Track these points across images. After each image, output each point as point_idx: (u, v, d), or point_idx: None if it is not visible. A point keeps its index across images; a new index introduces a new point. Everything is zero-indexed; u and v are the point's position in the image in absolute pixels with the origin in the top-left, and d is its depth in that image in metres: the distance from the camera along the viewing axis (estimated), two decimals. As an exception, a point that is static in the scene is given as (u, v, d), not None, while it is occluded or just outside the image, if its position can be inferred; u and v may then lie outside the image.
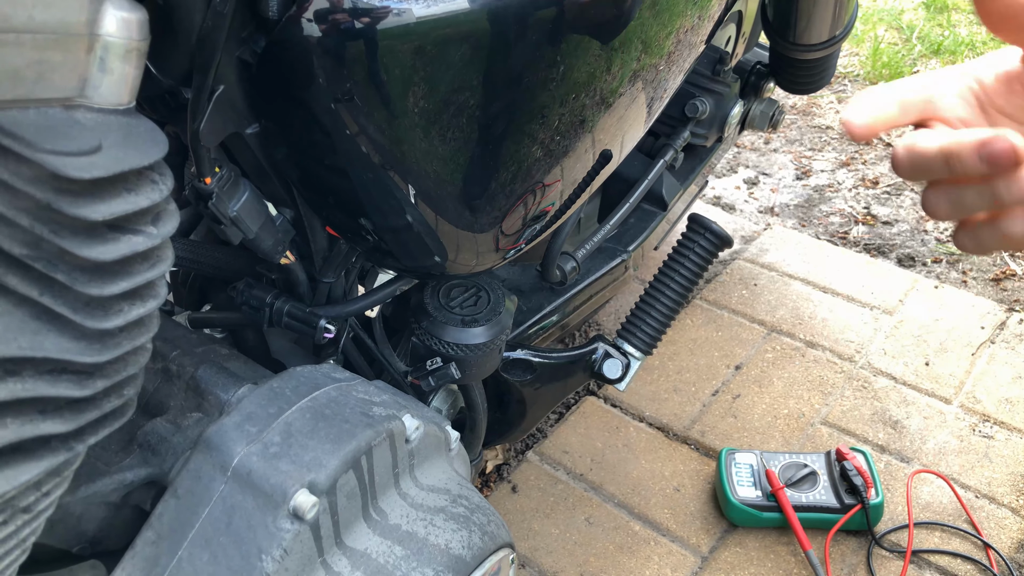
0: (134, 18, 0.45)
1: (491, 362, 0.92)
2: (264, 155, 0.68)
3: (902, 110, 0.52)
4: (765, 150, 2.29)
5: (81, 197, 0.41)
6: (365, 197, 0.68)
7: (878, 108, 0.52)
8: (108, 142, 0.43)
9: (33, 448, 0.44)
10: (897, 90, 0.53)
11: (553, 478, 1.39)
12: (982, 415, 1.48)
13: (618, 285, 1.29)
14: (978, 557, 1.24)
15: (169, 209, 0.47)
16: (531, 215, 0.79)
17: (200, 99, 0.57)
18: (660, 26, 0.72)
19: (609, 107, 0.74)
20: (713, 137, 1.29)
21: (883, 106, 0.52)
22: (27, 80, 0.40)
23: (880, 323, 1.69)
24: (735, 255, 1.88)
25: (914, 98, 0.53)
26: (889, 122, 0.52)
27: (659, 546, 1.28)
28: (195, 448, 0.61)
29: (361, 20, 0.55)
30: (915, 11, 3.01)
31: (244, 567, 0.57)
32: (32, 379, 0.42)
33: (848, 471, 1.27)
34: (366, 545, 0.63)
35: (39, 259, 0.42)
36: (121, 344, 0.46)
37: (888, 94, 0.53)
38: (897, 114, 0.52)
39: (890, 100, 0.52)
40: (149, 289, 0.47)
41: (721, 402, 1.52)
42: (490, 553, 0.70)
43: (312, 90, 0.59)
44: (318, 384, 0.67)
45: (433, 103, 0.61)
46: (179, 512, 0.59)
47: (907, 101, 0.53)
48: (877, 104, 0.52)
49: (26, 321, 0.43)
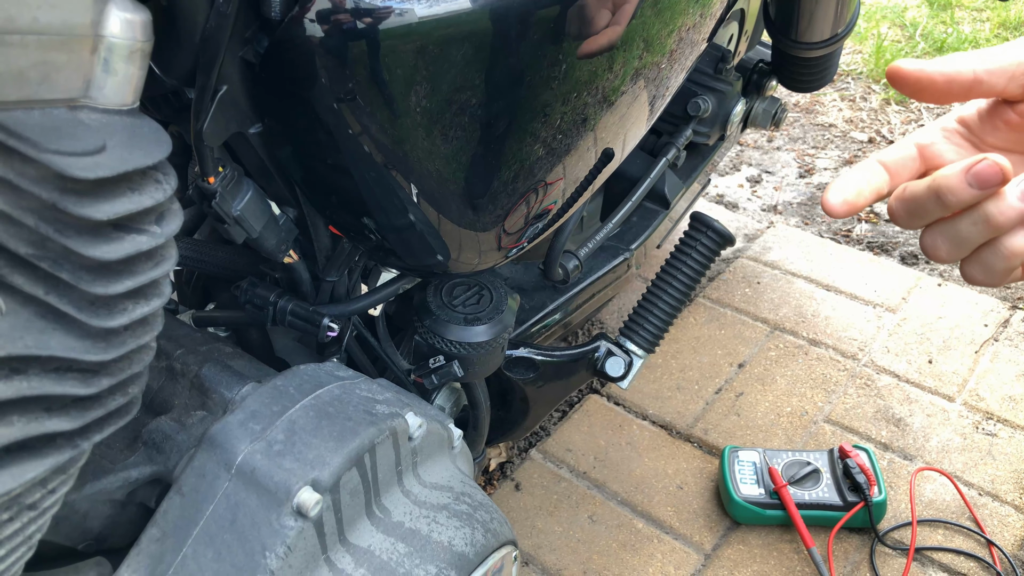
0: (138, 19, 0.45)
1: (494, 360, 0.92)
2: (267, 154, 0.68)
3: (890, 174, 0.53)
4: (768, 148, 2.29)
5: (86, 197, 0.42)
6: (368, 196, 0.69)
7: (858, 185, 0.52)
8: (112, 142, 0.43)
9: (39, 446, 0.44)
10: (877, 158, 0.53)
11: (556, 476, 1.39)
12: (985, 413, 1.48)
13: (620, 283, 1.29)
14: (981, 554, 1.24)
15: (173, 208, 0.48)
16: (533, 213, 0.79)
17: (203, 99, 0.57)
18: (662, 24, 0.72)
19: (611, 106, 0.74)
20: (716, 135, 1.29)
21: (864, 178, 0.52)
22: (32, 81, 0.41)
23: (883, 321, 1.69)
24: (738, 253, 1.89)
25: (898, 157, 0.53)
26: (872, 190, 0.52)
27: (662, 544, 1.28)
28: (199, 446, 0.61)
29: (363, 20, 0.56)
30: (918, 8, 3.00)
31: (248, 564, 0.57)
32: (38, 377, 0.43)
33: (851, 469, 1.27)
34: (369, 542, 0.64)
35: (44, 258, 0.43)
36: (126, 342, 0.46)
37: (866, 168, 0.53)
38: (881, 180, 0.53)
39: (870, 173, 0.53)
40: (153, 288, 0.47)
41: (724, 400, 1.53)
42: (493, 550, 0.71)
43: (315, 90, 0.59)
44: (321, 382, 0.68)
45: (435, 102, 0.62)
46: (184, 509, 0.59)
47: (891, 163, 0.53)
48: (857, 182, 0.52)
49: (32, 320, 0.43)
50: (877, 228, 1.96)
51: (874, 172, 0.53)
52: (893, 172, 0.53)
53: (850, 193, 0.52)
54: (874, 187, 0.52)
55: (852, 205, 0.52)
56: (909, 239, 1.91)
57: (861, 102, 2.50)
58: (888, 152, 0.54)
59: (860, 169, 0.53)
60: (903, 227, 0.51)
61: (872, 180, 0.53)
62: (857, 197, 0.52)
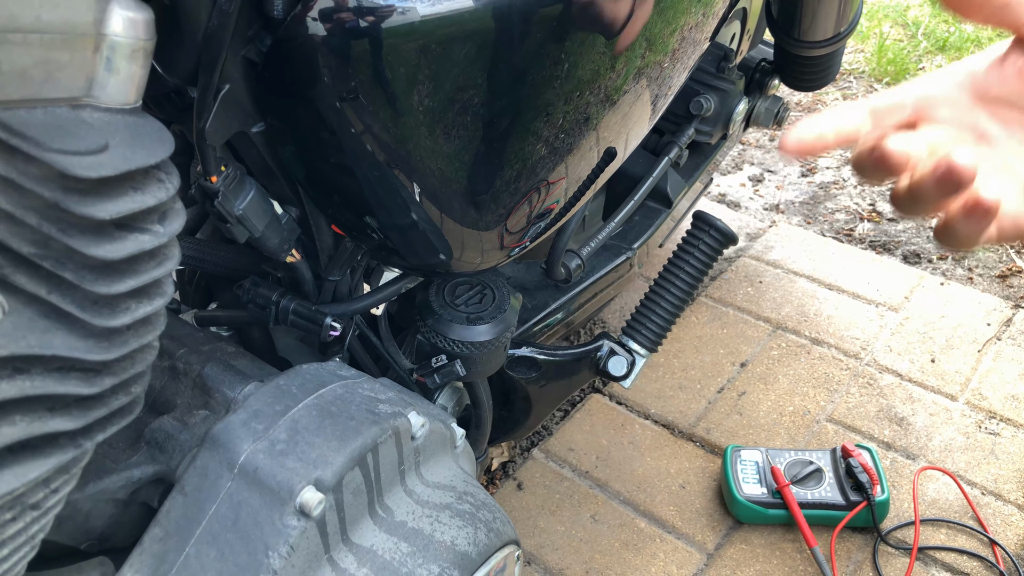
0: (140, 18, 0.45)
1: (496, 359, 0.92)
2: (270, 153, 0.68)
3: (874, 120, 0.51)
4: (770, 147, 2.29)
5: (88, 196, 0.42)
6: (371, 195, 0.69)
7: (821, 128, 0.50)
8: (115, 141, 0.43)
9: (42, 445, 0.44)
10: (866, 103, 0.52)
11: (558, 475, 1.39)
12: (988, 412, 1.48)
13: (623, 283, 1.29)
14: (984, 554, 1.24)
15: (175, 208, 0.48)
16: (536, 213, 0.79)
17: (206, 98, 0.57)
18: (665, 23, 0.72)
19: (614, 105, 0.74)
20: (718, 134, 1.29)
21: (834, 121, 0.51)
22: (35, 80, 0.41)
23: (886, 320, 1.68)
24: (740, 252, 1.88)
25: (889, 104, 0.52)
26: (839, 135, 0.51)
27: (665, 543, 1.28)
28: (202, 445, 0.61)
29: (366, 19, 0.55)
30: (920, 7, 3.00)
31: (251, 563, 0.57)
32: (41, 377, 0.43)
33: (854, 468, 1.27)
34: (372, 542, 0.64)
35: (47, 258, 0.43)
36: (128, 342, 0.46)
37: (848, 110, 0.51)
38: (856, 126, 0.51)
39: (847, 117, 0.51)
40: (156, 287, 0.47)
41: (726, 399, 1.52)
42: (496, 550, 0.71)
43: (317, 88, 0.59)
44: (324, 382, 0.68)
45: (438, 101, 0.61)
46: (186, 509, 0.59)
47: (880, 108, 0.51)
48: (822, 124, 0.50)
49: (35, 319, 0.43)
50: (879, 227, 1.96)
51: (852, 115, 0.51)
52: (878, 118, 0.51)
53: (810, 134, 0.50)
54: (845, 132, 0.51)
55: (807, 146, 0.50)
56: (911, 238, 1.91)
57: (863, 101, 2.49)
58: (881, 97, 0.52)
59: (838, 110, 0.51)
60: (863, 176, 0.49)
61: (845, 124, 0.51)
62: (816, 140, 0.50)
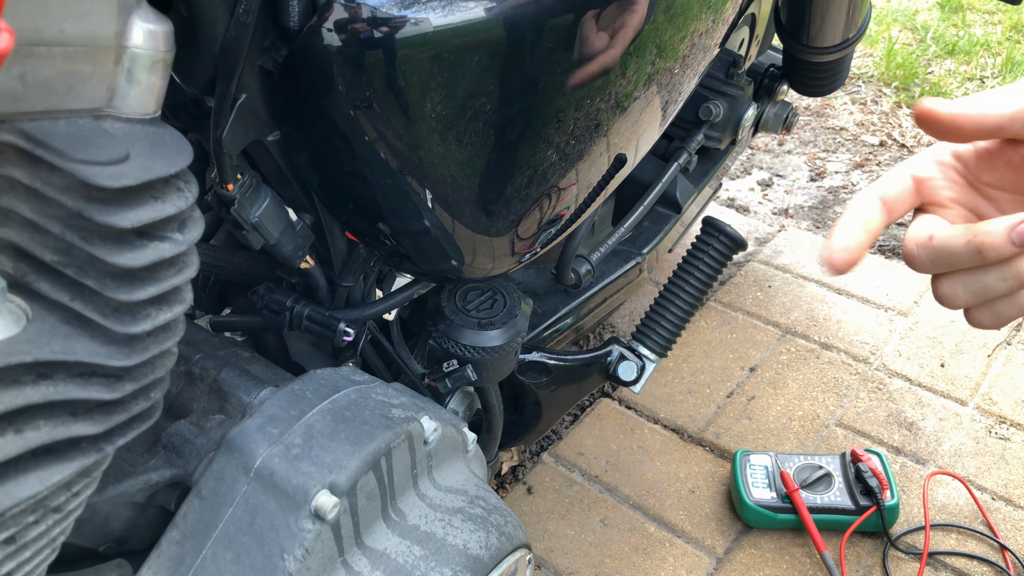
0: (160, 30, 0.46)
1: (507, 364, 0.93)
2: (285, 162, 0.69)
3: (887, 212, 0.51)
4: (779, 152, 2.29)
5: (110, 205, 0.43)
6: (384, 202, 0.69)
7: (856, 235, 0.50)
8: (136, 151, 0.44)
9: (64, 449, 0.45)
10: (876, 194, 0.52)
11: (568, 479, 1.40)
12: (998, 417, 1.48)
13: (632, 288, 1.29)
14: (994, 559, 1.24)
15: (194, 216, 0.48)
16: (546, 219, 0.80)
17: (223, 107, 0.58)
18: (675, 30, 0.73)
19: (624, 111, 0.74)
20: (727, 140, 1.30)
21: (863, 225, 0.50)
22: (58, 91, 0.42)
23: (895, 324, 1.68)
24: (749, 257, 1.89)
25: (897, 192, 0.52)
26: (871, 237, 0.51)
27: (674, 547, 1.29)
28: (218, 449, 0.62)
29: (380, 29, 0.56)
30: (929, 11, 3.00)
31: (267, 566, 0.58)
32: (64, 382, 0.43)
33: (863, 473, 1.27)
34: (385, 545, 0.64)
35: (70, 265, 0.44)
36: (149, 348, 0.47)
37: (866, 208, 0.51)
38: (879, 222, 0.51)
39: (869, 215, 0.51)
40: (176, 294, 0.48)
41: (736, 404, 1.53)
42: (507, 554, 0.71)
43: (332, 98, 0.60)
44: (338, 386, 0.68)
45: (450, 109, 0.62)
46: (203, 512, 0.60)
47: (890, 198, 0.52)
48: (854, 231, 0.50)
49: (57, 326, 0.44)
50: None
51: (870, 212, 0.51)
52: (890, 208, 0.52)
53: (851, 246, 0.50)
54: (872, 231, 0.51)
55: (853, 261, 0.50)
56: (921, 242, 1.91)
57: (872, 105, 2.50)
58: (885, 186, 0.52)
59: (856, 211, 0.51)
60: (920, 271, 0.49)
61: (870, 223, 0.51)
62: (857, 251, 0.50)
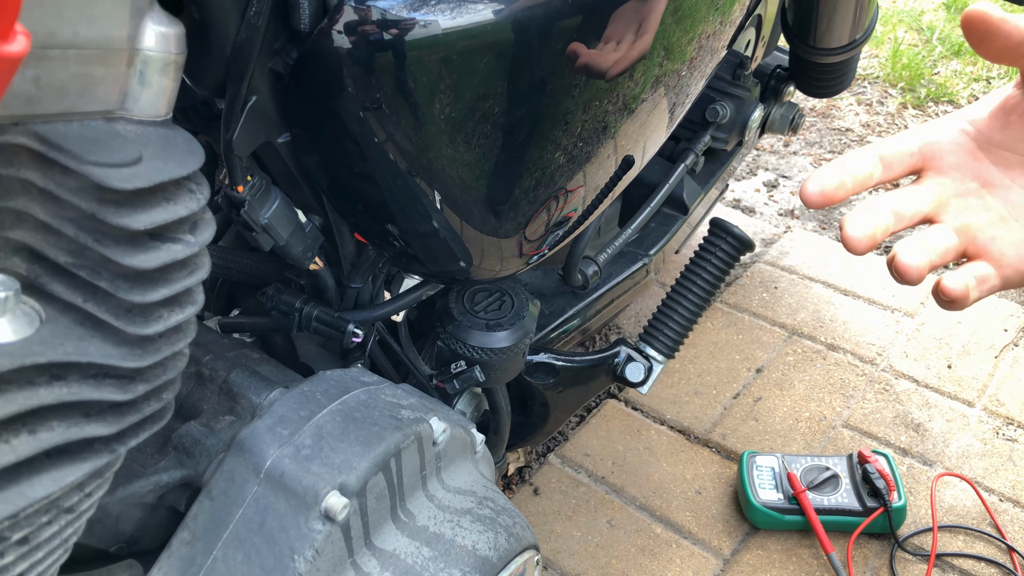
0: (172, 32, 0.46)
1: (515, 365, 0.93)
2: (295, 163, 0.69)
3: (884, 168, 0.53)
4: (785, 152, 2.29)
5: (123, 207, 0.43)
6: (393, 204, 0.69)
7: (837, 177, 0.51)
8: (148, 153, 0.44)
9: (78, 450, 0.45)
10: (875, 150, 0.53)
11: (575, 481, 1.40)
12: (1006, 418, 1.47)
13: (639, 289, 1.29)
14: (1002, 561, 1.24)
15: (206, 218, 0.49)
16: (554, 221, 0.80)
17: (234, 109, 0.58)
18: (682, 32, 0.73)
19: (632, 113, 0.74)
20: (734, 141, 1.30)
21: (849, 173, 0.52)
22: (71, 94, 0.42)
23: (902, 325, 1.68)
24: (755, 258, 1.88)
25: (897, 151, 0.53)
26: (855, 185, 0.52)
27: (681, 548, 1.29)
28: (228, 450, 0.62)
29: (389, 32, 0.56)
30: (935, 12, 2.99)
31: (277, 567, 0.58)
32: (77, 383, 0.44)
33: (870, 474, 1.27)
34: (395, 546, 0.64)
35: (83, 267, 0.44)
36: (161, 349, 0.47)
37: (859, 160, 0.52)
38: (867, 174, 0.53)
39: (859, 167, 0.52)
40: (188, 296, 0.48)
41: (742, 405, 1.53)
42: (516, 555, 0.71)
43: (342, 100, 0.60)
44: (347, 388, 0.68)
45: (459, 111, 0.62)
46: (213, 513, 0.60)
47: (888, 155, 0.53)
48: (836, 175, 0.51)
49: (71, 327, 0.44)
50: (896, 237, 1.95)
51: (864, 163, 0.52)
52: (887, 164, 0.53)
53: (830, 183, 0.51)
54: (860, 178, 0.52)
55: (829, 196, 0.51)
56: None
57: (878, 106, 2.49)
58: (887, 144, 0.53)
59: (849, 158, 0.52)
60: None
61: (858, 171, 0.52)
62: (837, 189, 0.51)
